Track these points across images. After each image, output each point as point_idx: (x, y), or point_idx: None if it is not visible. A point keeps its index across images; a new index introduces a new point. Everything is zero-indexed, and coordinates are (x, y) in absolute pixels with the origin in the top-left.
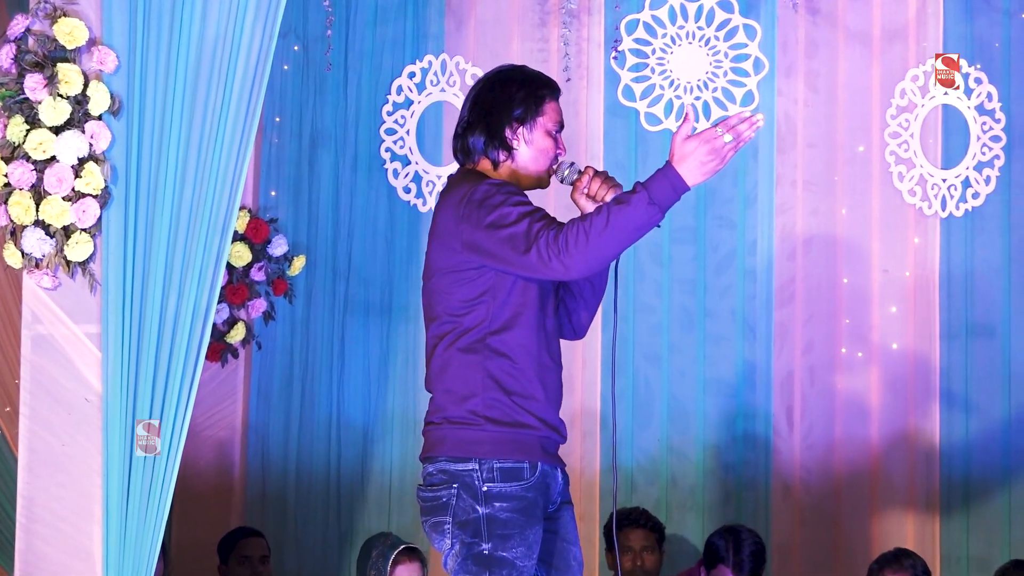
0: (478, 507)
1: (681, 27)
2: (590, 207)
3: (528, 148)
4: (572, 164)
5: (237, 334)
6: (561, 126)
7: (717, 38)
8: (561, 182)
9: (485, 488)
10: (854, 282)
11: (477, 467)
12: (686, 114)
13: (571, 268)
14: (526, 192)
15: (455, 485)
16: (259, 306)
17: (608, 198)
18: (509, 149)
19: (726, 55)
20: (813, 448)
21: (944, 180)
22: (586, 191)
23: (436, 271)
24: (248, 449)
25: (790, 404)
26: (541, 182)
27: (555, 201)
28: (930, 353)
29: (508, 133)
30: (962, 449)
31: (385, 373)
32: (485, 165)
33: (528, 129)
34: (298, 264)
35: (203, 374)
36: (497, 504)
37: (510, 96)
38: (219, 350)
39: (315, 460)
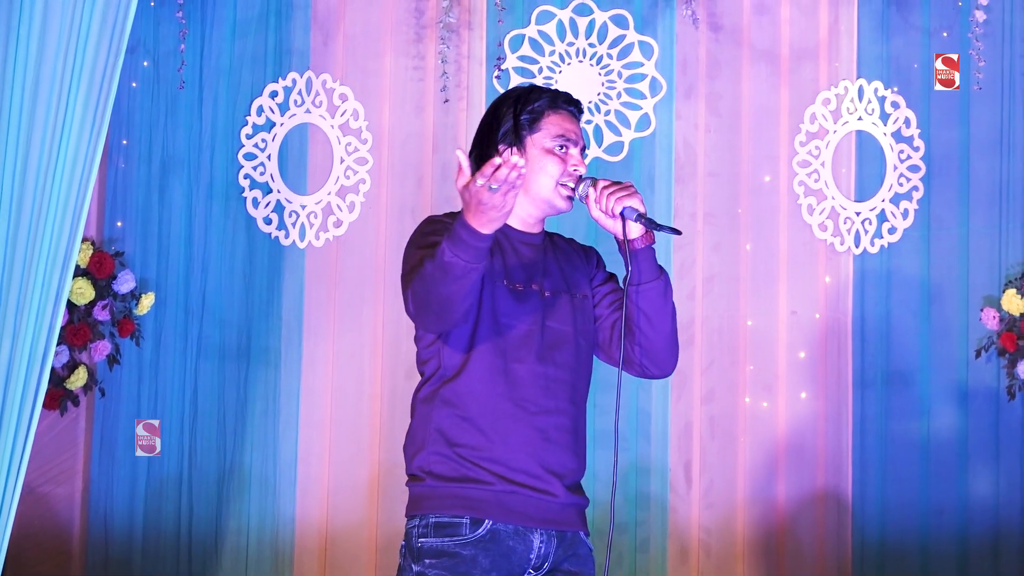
0: (414, 566)
1: (571, 44)
2: (610, 224)
3: (535, 171)
4: (583, 179)
5: (78, 379)
6: (571, 139)
7: (610, 56)
8: (579, 201)
9: (418, 544)
10: (759, 324)
11: (417, 524)
12: (458, 163)
13: (412, 316)
14: (545, 217)
15: (403, 544)
16: (103, 348)
17: (618, 210)
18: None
19: (620, 75)
20: (714, 507)
21: (858, 213)
22: (599, 206)
23: None
24: (89, 508)
25: (688, 459)
26: (554, 205)
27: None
28: (842, 403)
29: (510, 153)
30: (877, 509)
31: (243, 424)
32: None
33: (521, 149)
34: (146, 302)
35: (40, 424)
36: (427, 561)
37: (500, 116)
38: (58, 397)
39: (164, 520)
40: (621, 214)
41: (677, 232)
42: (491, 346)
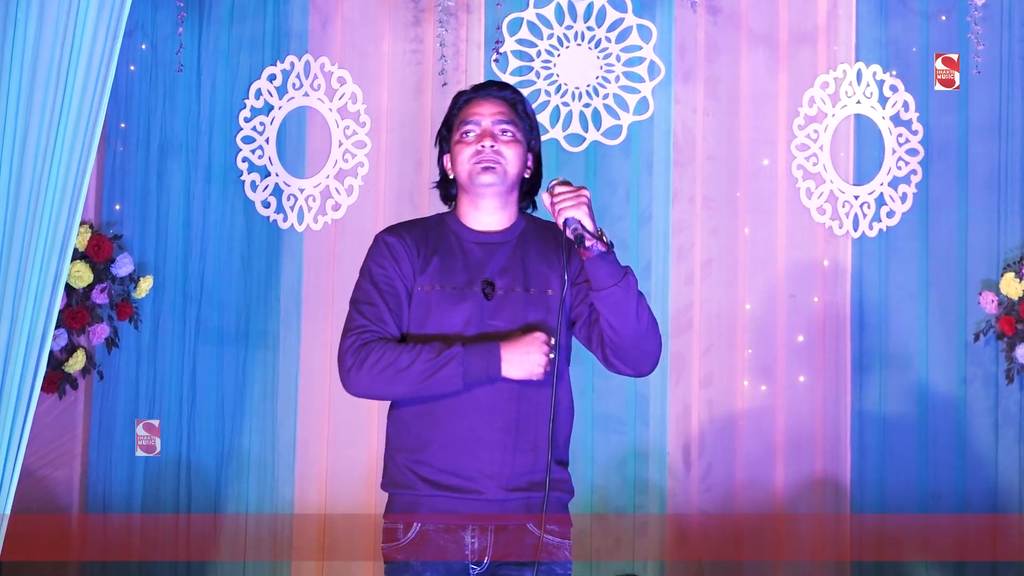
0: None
1: (569, 27)
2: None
3: (455, 167)
4: (553, 181)
5: (76, 363)
6: (474, 121)
7: (608, 40)
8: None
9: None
10: (757, 308)
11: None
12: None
13: (350, 388)
14: (500, 207)
15: None
16: (101, 332)
17: (561, 220)
18: (449, 183)
19: (618, 58)
20: (712, 491)
21: (856, 197)
22: (551, 212)
23: None
24: (88, 491)
25: (687, 442)
26: (476, 191)
27: None
28: (840, 387)
29: (446, 163)
30: (875, 493)
31: (241, 407)
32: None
33: (450, 153)
34: (145, 285)
35: (38, 407)
36: (385, 565)
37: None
38: (56, 380)
39: (162, 503)
40: (564, 223)
41: (604, 248)
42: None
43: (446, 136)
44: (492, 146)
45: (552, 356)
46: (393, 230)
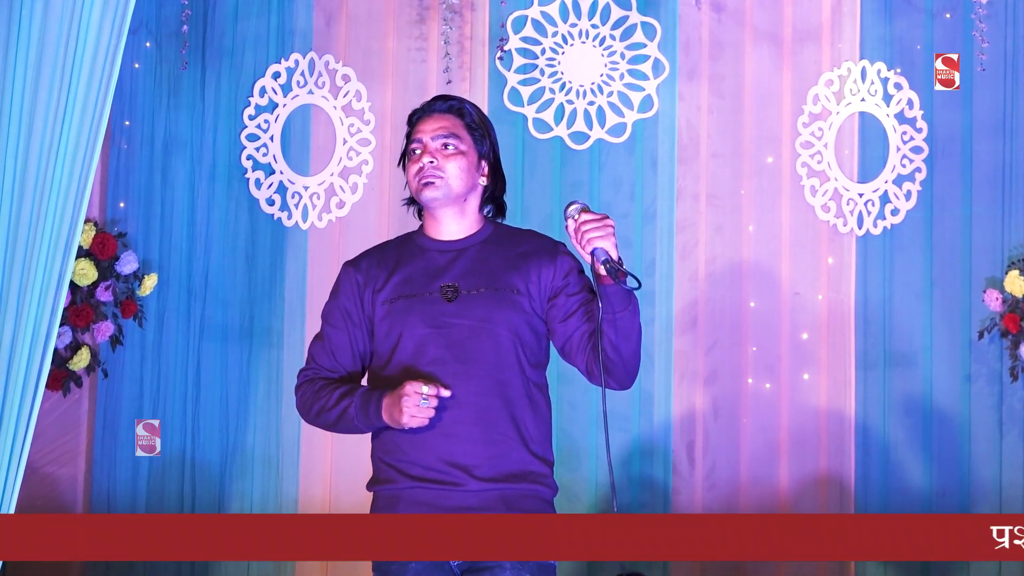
0: None
1: (573, 25)
2: (585, 255)
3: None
4: (573, 204)
5: (81, 360)
6: (420, 140)
7: (613, 37)
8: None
9: None
10: (762, 306)
11: None
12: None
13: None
14: (458, 216)
15: None
16: (105, 329)
17: (589, 249)
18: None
19: (623, 56)
20: (716, 489)
21: (861, 195)
22: (573, 238)
23: None
24: (92, 488)
25: (691, 440)
26: (431, 211)
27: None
28: (845, 385)
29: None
30: (879, 491)
31: (245, 405)
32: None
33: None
34: (149, 283)
35: (43, 405)
36: (372, 564)
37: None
38: (61, 378)
39: (167, 501)
40: (592, 252)
41: (638, 285)
42: (397, 356)
43: (403, 155)
44: (432, 162)
45: (426, 404)
46: (352, 260)
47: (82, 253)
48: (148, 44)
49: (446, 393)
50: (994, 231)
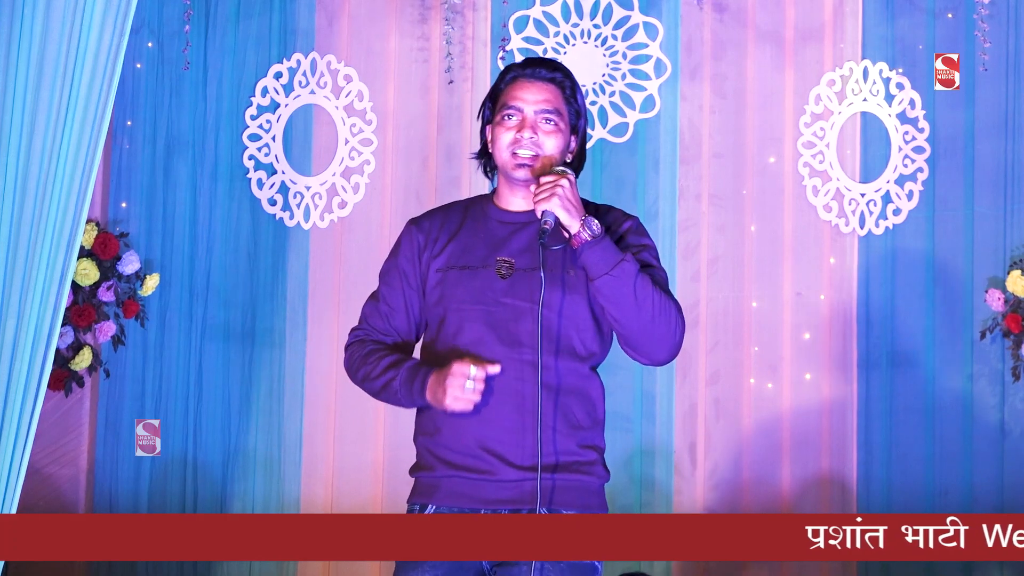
0: None
1: (575, 25)
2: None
3: (494, 149)
4: (553, 168)
5: (83, 360)
6: (516, 106)
7: (615, 37)
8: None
9: None
10: (764, 306)
11: None
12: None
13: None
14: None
15: None
16: (107, 329)
17: (540, 211)
18: (489, 156)
19: (625, 56)
20: (718, 489)
21: (863, 195)
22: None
23: None
24: (94, 489)
25: (693, 440)
26: (511, 176)
27: None
28: (847, 385)
29: (488, 135)
30: (881, 492)
31: (247, 405)
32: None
33: (493, 127)
34: (151, 283)
35: (44, 405)
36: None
37: (485, 101)
38: (63, 378)
39: (168, 501)
40: (541, 215)
41: (589, 239)
42: (443, 331)
43: (491, 108)
44: (532, 137)
45: (471, 387)
46: (416, 219)
47: (84, 253)
48: (150, 44)
49: (494, 370)
50: (996, 231)
